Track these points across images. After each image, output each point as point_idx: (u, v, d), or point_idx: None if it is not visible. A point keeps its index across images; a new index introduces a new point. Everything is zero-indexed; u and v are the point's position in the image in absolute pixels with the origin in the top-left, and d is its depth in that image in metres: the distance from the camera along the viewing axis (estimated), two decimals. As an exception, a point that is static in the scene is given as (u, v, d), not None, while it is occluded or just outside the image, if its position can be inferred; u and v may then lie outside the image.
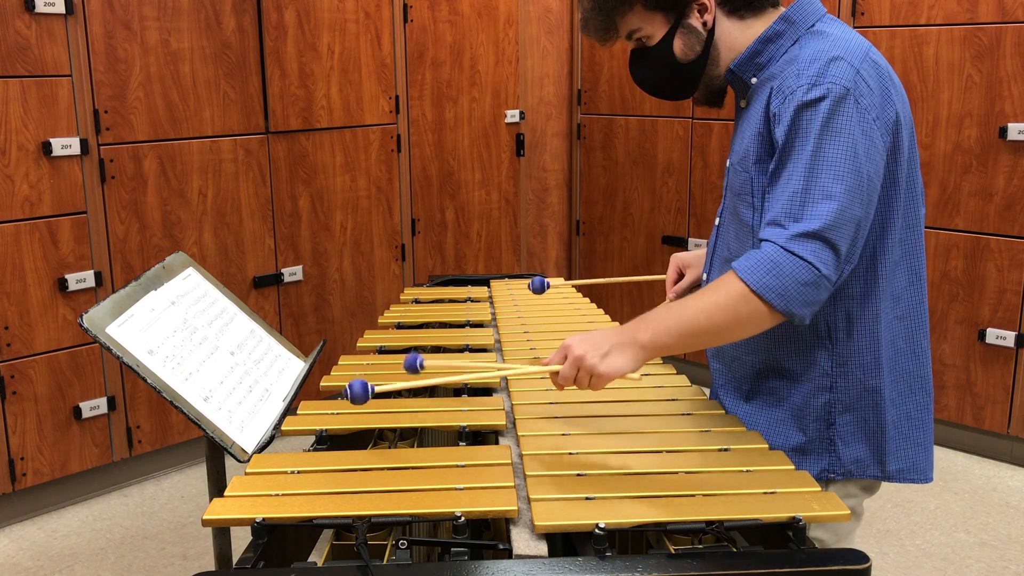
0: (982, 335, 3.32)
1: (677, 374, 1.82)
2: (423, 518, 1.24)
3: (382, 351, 2.02)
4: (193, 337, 1.74)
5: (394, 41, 3.76)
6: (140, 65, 3.10)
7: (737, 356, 1.58)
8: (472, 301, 2.44)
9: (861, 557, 1.16)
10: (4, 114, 2.84)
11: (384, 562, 1.19)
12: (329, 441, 1.55)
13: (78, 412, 3.09)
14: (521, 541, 1.22)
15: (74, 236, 3.02)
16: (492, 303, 2.42)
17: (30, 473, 3.02)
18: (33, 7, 2.83)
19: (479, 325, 2.22)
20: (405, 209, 3.94)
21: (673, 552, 1.19)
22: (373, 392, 1.40)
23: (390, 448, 1.58)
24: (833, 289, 1.38)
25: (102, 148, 3.06)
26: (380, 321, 2.24)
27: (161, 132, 3.19)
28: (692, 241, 4.11)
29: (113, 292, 1.68)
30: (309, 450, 1.52)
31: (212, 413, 1.59)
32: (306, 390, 1.95)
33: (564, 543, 1.29)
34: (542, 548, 1.20)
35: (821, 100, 1.36)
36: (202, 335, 1.77)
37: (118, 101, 3.06)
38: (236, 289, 3.44)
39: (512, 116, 4.25)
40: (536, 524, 1.21)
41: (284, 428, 1.62)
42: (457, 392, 1.78)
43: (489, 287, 2.59)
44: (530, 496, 1.29)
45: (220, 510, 1.27)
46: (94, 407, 3.13)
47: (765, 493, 1.29)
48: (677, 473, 1.36)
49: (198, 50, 3.23)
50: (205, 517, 1.25)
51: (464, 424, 1.55)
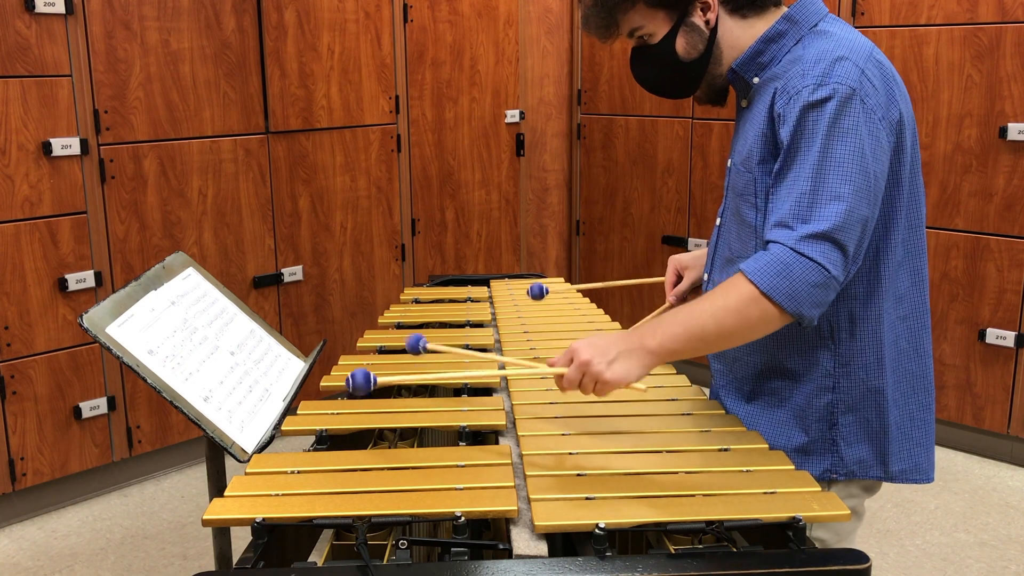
0: (982, 335, 3.32)
1: (677, 374, 1.82)
2: (423, 518, 1.24)
3: (382, 351, 2.02)
4: (193, 337, 1.74)
5: (394, 41, 3.76)
6: (140, 65, 3.10)
7: (738, 356, 1.57)
8: (472, 301, 2.44)
9: (861, 557, 1.16)
10: (4, 114, 2.84)
11: (384, 562, 1.19)
12: (329, 441, 1.55)
13: (78, 412, 3.09)
14: (521, 541, 1.22)
15: (74, 236, 3.02)
16: (492, 303, 2.42)
17: (30, 473, 3.02)
18: (33, 7, 2.83)
19: (479, 325, 2.22)
20: (405, 209, 3.94)
21: (673, 552, 1.19)
22: (375, 383, 1.39)
23: (390, 448, 1.58)
24: (840, 289, 1.38)
25: (102, 148, 3.06)
26: (380, 321, 2.24)
27: (161, 132, 3.19)
28: (692, 241, 4.11)
29: (113, 292, 1.68)
30: (309, 450, 1.52)
31: (212, 413, 1.59)
32: (306, 390, 1.95)
33: (564, 543, 1.28)
34: (542, 548, 1.20)
35: (827, 100, 1.35)
36: (202, 335, 1.77)
37: (118, 101, 3.06)
38: (236, 289, 3.44)
39: (512, 116, 4.25)
40: (536, 524, 1.21)
41: (284, 428, 1.62)
42: (457, 392, 1.78)
43: (489, 287, 2.59)
44: (530, 496, 1.29)
45: (220, 510, 1.27)
46: (94, 407, 3.13)
47: (765, 493, 1.29)
48: (677, 473, 1.36)
49: (198, 50, 3.23)
50: (205, 517, 1.25)
51: (464, 424, 1.55)
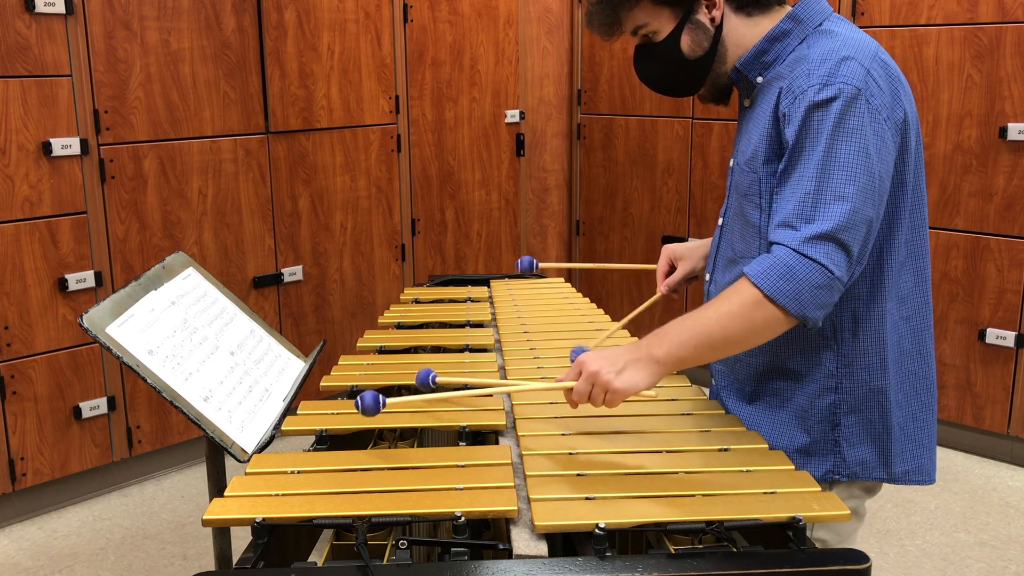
0: (982, 335, 3.32)
1: (677, 374, 1.81)
2: (423, 518, 1.24)
3: (382, 351, 2.02)
4: (193, 337, 1.74)
5: (394, 41, 3.76)
6: (140, 65, 3.10)
7: (740, 358, 1.56)
8: (472, 301, 2.44)
9: (861, 557, 1.16)
10: (4, 114, 2.84)
11: (384, 562, 1.19)
12: (329, 441, 1.55)
13: (78, 412, 3.09)
14: (521, 541, 1.22)
15: (74, 236, 3.02)
16: (492, 303, 2.42)
17: (30, 473, 3.02)
18: (33, 7, 2.83)
19: (479, 325, 2.22)
20: (405, 209, 3.94)
21: (673, 552, 1.19)
22: (384, 405, 1.41)
23: (390, 448, 1.58)
24: (844, 290, 1.38)
25: (102, 148, 3.06)
26: (380, 321, 2.24)
27: (161, 132, 3.19)
28: (692, 241, 4.11)
29: (113, 292, 1.68)
30: (309, 450, 1.52)
31: (212, 413, 1.59)
32: (306, 390, 1.95)
33: (564, 543, 1.28)
34: (542, 548, 1.20)
35: (833, 100, 1.35)
36: (202, 335, 1.77)
37: (118, 101, 3.06)
38: (236, 289, 3.44)
39: (512, 116, 4.24)
40: (536, 524, 1.21)
41: (284, 428, 1.62)
42: (453, 386, 1.78)
43: (489, 287, 2.59)
44: (530, 496, 1.29)
45: (220, 510, 1.27)
46: (94, 407, 3.13)
47: (765, 493, 1.29)
48: (677, 473, 1.36)
49: (198, 50, 3.23)
50: (205, 517, 1.25)
51: (464, 424, 1.55)
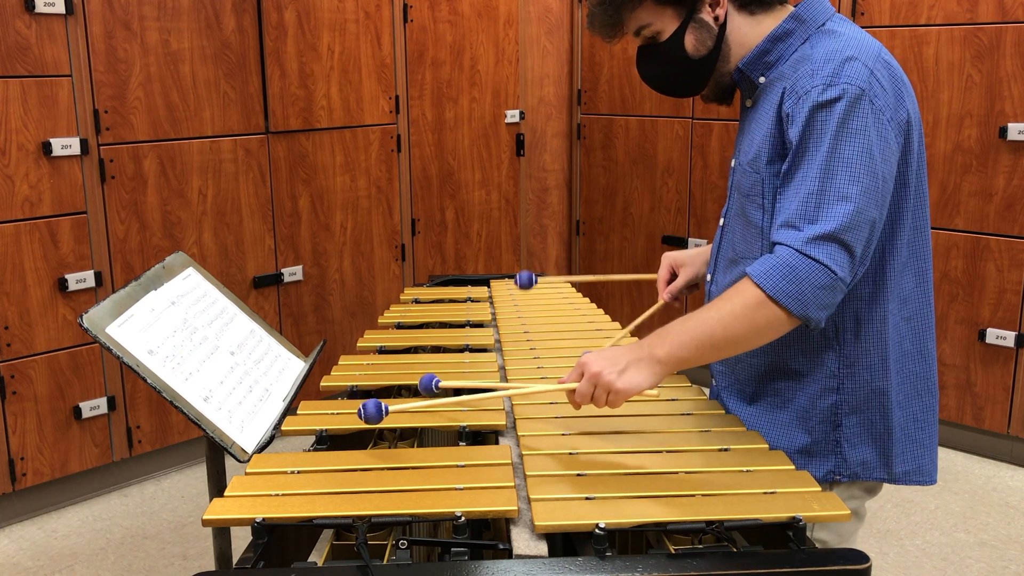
0: (982, 335, 3.32)
1: (677, 374, 1.81)
2: (423, 518, 1.24)
3: (382, 351, 2.02)
4: (193, 337, 1.74)
5: (394, 41, 3.76)
6: (140, 65, 3.10)
7: (741, 358, 1.56)
8: (472, 301, 2.44)
9: (861, 557, 1.16)
10: (4, 114, 2.84)
11: (384, 562, 1.19)
12: (329, 441, 1.55)
13: (78, 412, 3.09)
14: (521, 541, 1.22)
15: (74, 236, 3.02)
16: (492, 303, 2.42)
17: (30, 473, 3.02)
18: (33, 7, 2.83)
19: (479, 325, 2.22)
20: (405, 209, 3.94)
21: (673, 552, 1.19)
22: (387, 412, 1.43)
23: (390, 448, 1.58)
24: (846, 291, 1.37)
25: (102, 148, 3.06)
26: (380, 321, 2.24)
27: (161, 132, 3.19)
28: (692, 241, 4.11)
29: (113, 292, 1.68)
30: (309, 450, 1.52)
31: (212, 413, 1.59)
32: (306, 390, 1.94)
33: (564, 543, 1.28)
34: (542, 548, 1.20)
35: (836, 101, 1.34)
36: (202, 335, 1.77)
37: (118, 101, 3.06)
38: (236, 289, 3.44)
39: (512, 116, 4.25)
40: (536, 524, 1.21)
41: (284, 428, 1.62)
42: (457, 392, 1.78)
43: (489, 287, 2.59)
44: (530, 496, 1.29)
45: (220, 510, 1.27)
46: (94, 407, 3.13)
47: (765, 493, 1.29)
48: (677, 473, 1.36)
49: (198, 50, 3.23)
50: (205, 517, 1.25)
51: (464, 424, 1.55)
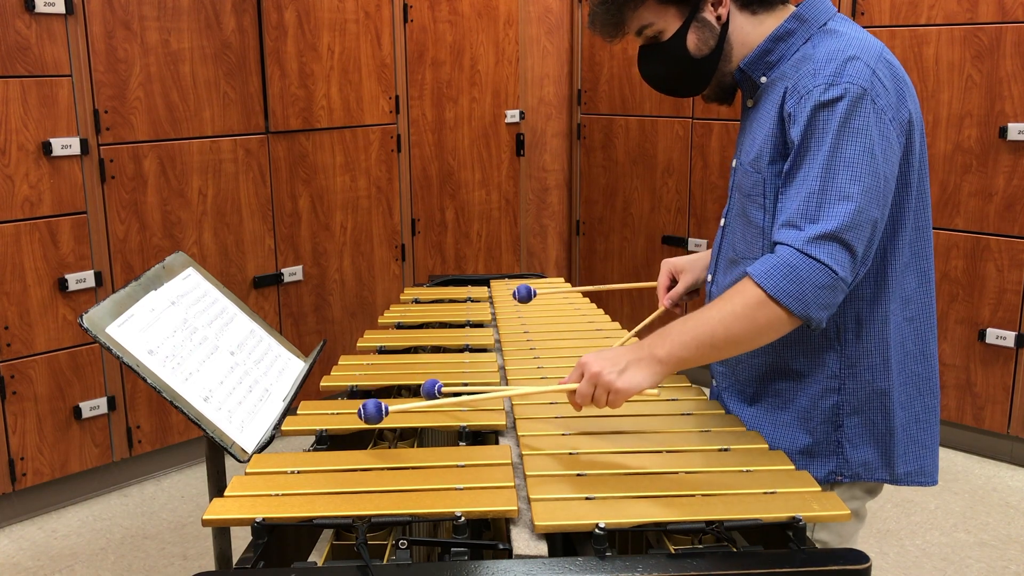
0: (982, 335, 3.32)
1: (677, 374, 1.81)
2: (423, 518, 1.24)
3: (382, 351, 2.02)
4: (193, 337, 1.74)
5: (394, 41, 3.76)
6: (140, 65, 3.10)
7: (742, 359, 1.56)
8: (472, 301, 2.44)
9: (861, 557, 1.16)
10: (4, 114, 2.84)
11: (384, 562, 1.19)
12: (329, 441, 1.55)
13: (78, 412, 3.09)
14: (521, 541, 1.22)
15: (74, 236, 3.02)
16: (492, 303, 2.42)
17: (30, 473, 3.02)
18: (33, 7, 2.83)
19: (479, 325, 2.22)
20: (405, 209, 3.94)
21: (673, 552, 1.19)
22: (387, 412, 1.43)
23: (390, 448, 1.58)
24: (848, 291, 1.37)
25: (102, 148, 3.06)
26: (380, 321, 2.24)
27: (161, 132, 3.19)
28: (692, 241, 4.11)
29: (113, 292, 1.68)
30: (309, 450, 1.52)
31: (212, 413, 1.59)
32: (306, 390, 1.94)
33: (564, 543, 1.28)
34: (542, 548, 1.20)
35: (839, 100, 1.34)
36: (202, 335, 1.77)
37: (118, 101, 3.06)
38: (236, 289, 3.44)
39: (512, 116, 4.24)
40: (536, 524, 1.21)
41: (284, 428, 1.62)
42: (457, 392, 1.78)
43: (489, 287, 2.59)
44: (530, 496, 1.29)
45: (220, 510, 1.27)
46: (94, 407, 3.13)
47: (765, 493, 1.29)
48: (677, 473, 1.36)
49: (198, 50, 3.23)
50: (205, 517, 1.25)
51: (464, 424, 1.55)
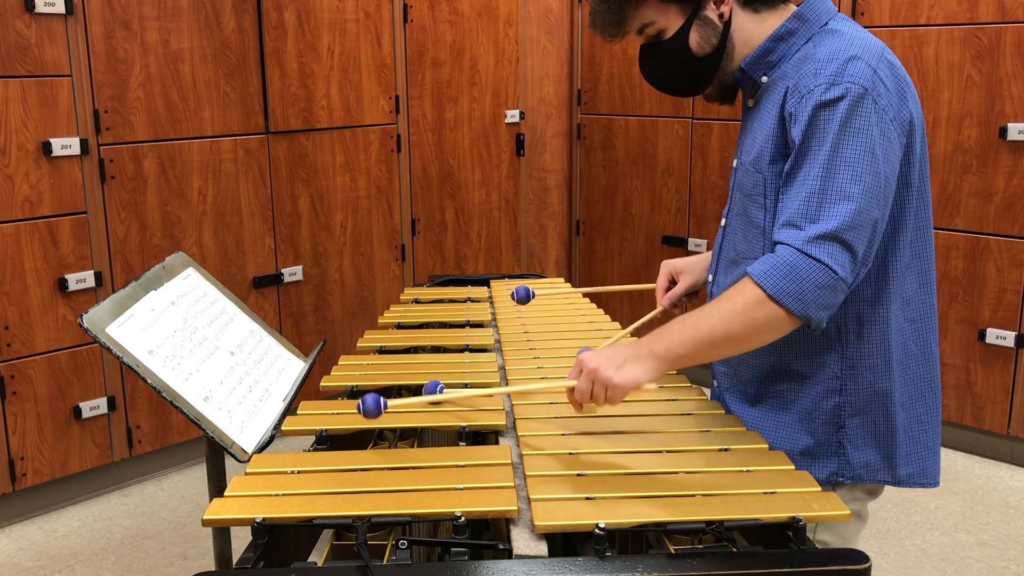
0: (982, 335, 3.32)
1: (676, 374, 1.81)
2: (423, 518, 1.24)
3: (382, 351, 2.02)
4: (193, 337, 1.74)
5: (394, 41, 3.76)
6: (140, 65, 3.10)
7: (743, 360, 1.56)
8: (472, 301, 2.44)
9: (861, 557, 1.16)
10: (4, 114, 2.84)
11: (384, 562, 1.19)
12: (329, 441, 1.55)
13: (78, 412, 3.09)
14: (521, 541, 1.22)
15: (74, 236, 3.02)
16: (492, 303, 2.42)
17: (30, 473, 3.02)
18: (33, 7, 2.83)
19: (479, 325, 2.22)
20: (405, 209, 3.94)
21: (673, 552, 1.19)
22: (385, 407, 1.42)
23: (390, 448, 1.58)
24: (848, 291, 1.37)
25: (102, 148, 3.06)
26: (380, 321, 2.24)
27: (161, 132, 3.19)
28: (692, 241, 4.11)
29: (113, 292, 1.68)
30: (309, 450, 1.52)
31: (212, 413, 1.59)
32: (306, 390, 1.95)
33: (564, 543, 1.28)
34: (542, 548, 1.20)
35: (840, 100, 1.34)
36: (202, 335, 1.77)
37: (118, 101, 3.06)
38: (236, 289, 3.44)
39: (512, 116, 4.25)
40: (536, 524, 1.21)
41: (284, 428, 1.63)
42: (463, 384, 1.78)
43: (489, 287, 2.59)
44: (530, 496, 1.29)
45: (220, 510, 1.27)
46: (94, 407, 3.13)
47: (765, 493, 1.29)
48: (677, 473, 1.36)
49: (198, 50, 3.23)
50: (205, 517, 1.25)
51: (464, 424, 1.55)
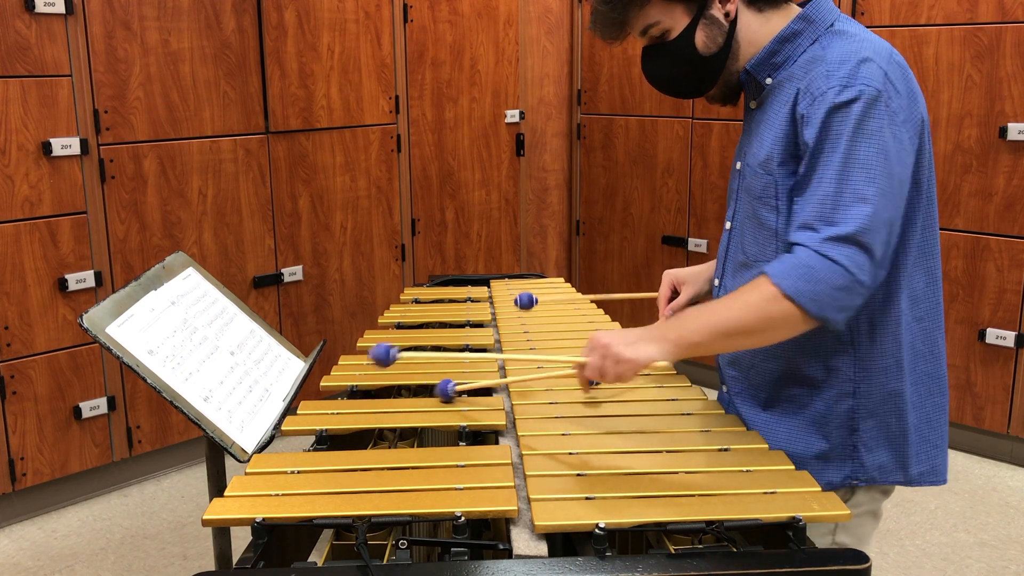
0: (982, 335, 3.32)
1: (677, 375, 1.82)
2: (423, 518, 1.24)
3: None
4: (193, 337, 1.74)
5: (394, 41, 3.76)
6: (140, 65, 3.10)
7: (755, 364, 1.54)
8: (472, 301, 2.44)
9: (861, 557, 1.16)
10: (4, 114, 2.84)
11: (384, 562, 1.19)
12: (329, 441, 1.55)
13: (78, 412, 3.09)
14: (521, 541, 1.22)
15: (74, 236, 3.02)
16: (492, 303, 2.42)
17: (30, 473, 3.02)
18: (33, 7, 2.83)
19: (479, 325, 2.22)
20: (405, 209, 3.94)
21: (673, 552, 1.19)
22: (396, 356, 1.50)
23: (390, 448, 1.58)
24: (867, 295, 1.35)
25: (102, 148, 3.06)
26: (380, 321, 2.24)
27: (161, 132, 3.19)
28: (692, 241, 4.11)
29: (113, 292, 1.68)
30: (309, 450, 1.52)
31: (212, 413, 1.59)
32: (306, 390, 1.94)
33: (564, 543, 1.28)
34: (542, 548, 1.20)
35: (853, 102, 1.33)
36: (202, 335, 1.77)
37: (118, 101, 3.06)
38: (236, 289, 3.44)
39: (512, 116, 4.25)
40: (536, 524, 1.21)
41: (284, 428, 1.63)
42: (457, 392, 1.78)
43: (489, 287, 2.59)
44: (530, 496, 1.29)
45: (220, 510, 1.27)
46: (94, 407, 3.13)
47: (765, 493, 1.29)
48: (677, 473, 1.36)
49: (198, 50, 3.23)
50: (205, 517, 1.25)
51: (464, 424, 1.55)
